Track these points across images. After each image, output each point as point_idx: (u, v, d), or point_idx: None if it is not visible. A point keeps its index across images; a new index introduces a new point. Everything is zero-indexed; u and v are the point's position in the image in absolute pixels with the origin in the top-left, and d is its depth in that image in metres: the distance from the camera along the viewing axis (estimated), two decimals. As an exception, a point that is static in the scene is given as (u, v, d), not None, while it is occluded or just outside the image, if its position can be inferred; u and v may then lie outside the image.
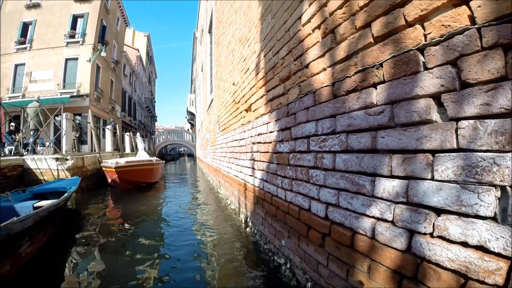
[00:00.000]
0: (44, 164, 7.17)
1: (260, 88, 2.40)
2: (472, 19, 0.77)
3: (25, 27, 19.02)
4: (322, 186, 1.38)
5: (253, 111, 2.66)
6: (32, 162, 7.22)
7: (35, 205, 3.47)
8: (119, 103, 21.23)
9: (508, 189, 0.69)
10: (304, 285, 1.65)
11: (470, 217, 0.75)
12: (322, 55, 1.37)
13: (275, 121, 2.04)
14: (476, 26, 0.75)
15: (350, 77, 1.16)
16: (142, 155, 9.27)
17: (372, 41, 1.05)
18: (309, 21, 1.53)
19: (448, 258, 0.81)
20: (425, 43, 0.86)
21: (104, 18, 18.90)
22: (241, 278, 2.02)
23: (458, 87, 0.78)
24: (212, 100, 6.77)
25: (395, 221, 0.95)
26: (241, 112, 3.19)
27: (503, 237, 0.71)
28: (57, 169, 7.04)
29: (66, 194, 4.01)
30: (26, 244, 2.59)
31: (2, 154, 8.22)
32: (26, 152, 8.12)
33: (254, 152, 2.64)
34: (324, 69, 1.36)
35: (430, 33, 0.85)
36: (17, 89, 18.12)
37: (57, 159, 7.08)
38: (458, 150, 0.77)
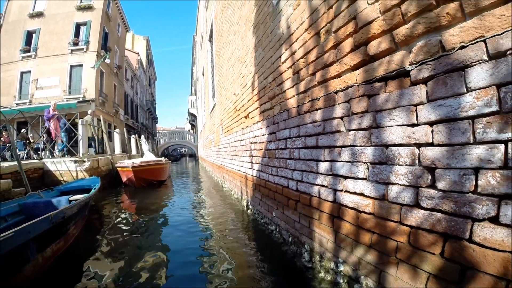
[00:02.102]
0: (64, 166, 7.86)
1: (255, 101, 3.16)
2: (356, 80, 1.52)
3: (29, 35, 19.52)
4: (294, 170, 2.14)
5: (251, 118, 3.42)
6: (52, 164, 7.90)
7: (70, 199, 4.19)
8: (122, 107, 21.97)
9: (369, 164, 1.44)
10: (287, 240, 2.42)
11: (356, 179, 1.51)
12: (292, 87, 2.13)
13: (266, 127, 2.80)
14: (357, 84, 1.50)
15: (305, 103, 1.92)
16: (149, 156, 9.98)
17: (316, 84, 1.81)
18: (285, 61, 2.29)
19: (350, 201, 1.56)
20: (337, 90, 1.62)
21: (106, 25, 19.53)
22: (242, 242, 2.79)
23: (350, 114, 1.53)
24: (214, 105, 7.54)
25: (327, 185, 1.71)
26: (241, 118, 3.95)
27: (369, 188, 1.45)
28: (76, 170, 7.75)
29: (93, 191, 4.68)
30: (72, 227, 3.28)
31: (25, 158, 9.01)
32: (36, 156, 8.96)
33: (252, 150, 3.40)
34: (294, 96, 2.12)
35: (340, 84, 1.61)
36: (24, 95, 18.64)
37: (75, 161, 7.81)
38: (350, 146, 1.52)
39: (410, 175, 1.20)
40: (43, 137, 9.50)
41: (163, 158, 9.16)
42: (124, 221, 4.09)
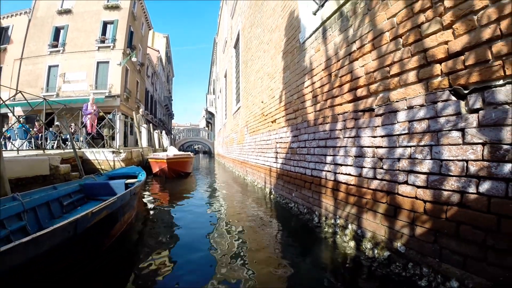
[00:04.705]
0: (102, 156, 9.29)
1: (282, 111, 4.40)
2: (349, 109, 2.71)
3: (57, 31, 21.29)
4: (310, 162, 3.37)
5: (277, 123, 4.66)
6: (91, 154, 9.35)
7: (126, 182, 5.44)
8: (143, 102, 23.69)
9: (353, 156, 2.63)
10: (303, 211, 3.64)
11: (347, 165, 2.71)
12: (311, 106, 3.36)
13: (290, 131, 4.03)
14: (350, 111, 2.70)
15: (320, 118, 3.14)
16: (173, 150, 11.28)
17: (327, 107, 3.03)
18: (307, 87, 3.51)
19: (343, 179, 2.77)
20: (339, 113, 2.83)
21: (131, 24, 21.17)
22: (269, 215, 4.02)
23: (345, 128, 2.74)
24: (239, 107, 8.84)
25: (331, 170, 2.93)
26: (268, 122, 5.19)
27: (353, 170, 2.64)
28: (113, 160, 9.18)
29: (141, 177, 5.92)
30: (136, 202, 4.53)
31: (51, 147, 10.63)
32: (64, 145, 10.70)
33: (277, 148, 4.64)
34: (312, 112, 3.34)
35: (340, 110, 2.82)
36: (51, 88, 20.37)
37: (113, 151, 9.26)
38: (344, 146, 2.73)
39: (371, 162, 2.40)
40: (82, 129, 11.07)
41: (189, 152, 10.52)
42: (158, 206, 5.39)
